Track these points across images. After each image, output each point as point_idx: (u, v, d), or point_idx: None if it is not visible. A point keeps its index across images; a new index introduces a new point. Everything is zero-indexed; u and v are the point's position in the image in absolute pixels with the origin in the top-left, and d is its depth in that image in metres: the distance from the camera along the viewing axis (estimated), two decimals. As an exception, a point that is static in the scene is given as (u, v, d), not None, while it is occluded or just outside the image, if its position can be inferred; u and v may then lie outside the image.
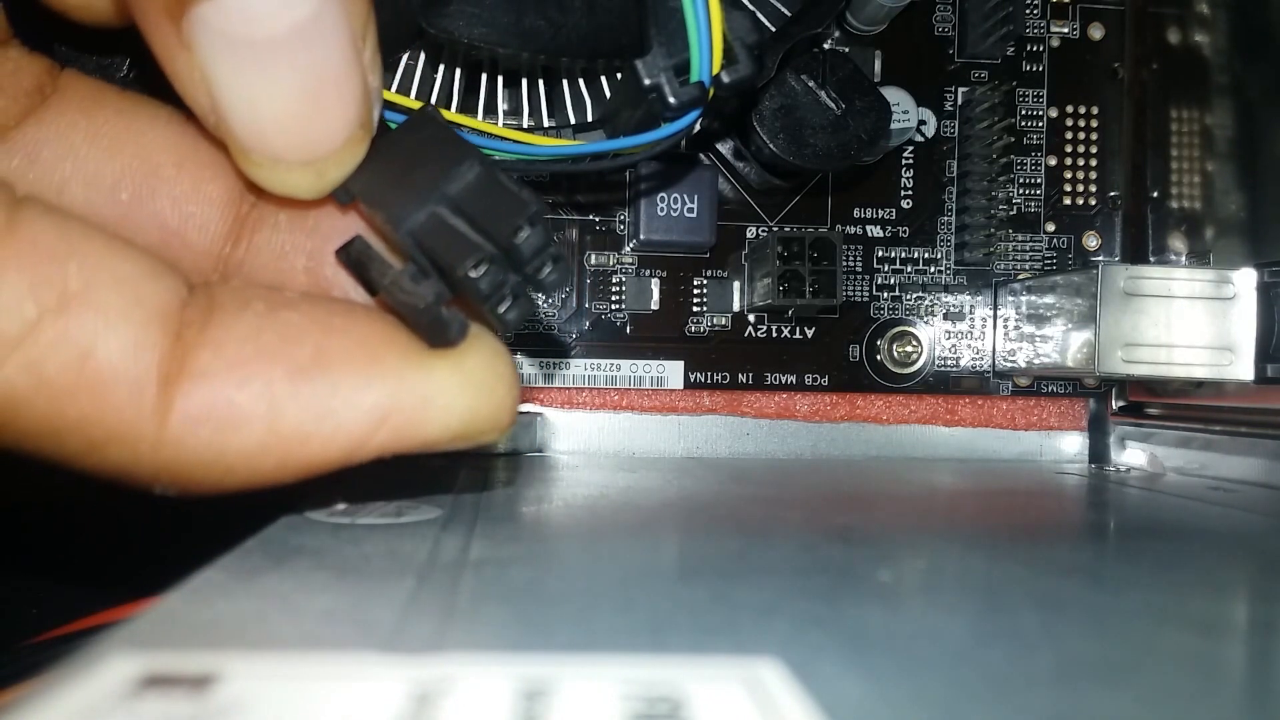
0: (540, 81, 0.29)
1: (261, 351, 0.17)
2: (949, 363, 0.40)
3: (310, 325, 0.18)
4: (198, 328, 0.17)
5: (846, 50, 0.38)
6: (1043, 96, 0.40)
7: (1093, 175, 0.41)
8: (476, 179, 0.19)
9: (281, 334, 0.18)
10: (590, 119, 0.29)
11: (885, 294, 0.40)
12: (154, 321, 0.17)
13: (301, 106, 0.17)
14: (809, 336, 0.40)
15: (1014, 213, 0.40)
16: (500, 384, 0.19)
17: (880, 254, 0.40)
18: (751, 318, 0.39)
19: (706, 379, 0.39)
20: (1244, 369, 0.33)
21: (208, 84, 0.17)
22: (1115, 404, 0.40)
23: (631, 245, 0.39)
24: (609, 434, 0.39)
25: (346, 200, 0.20)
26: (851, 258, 0.40)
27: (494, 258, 0.18)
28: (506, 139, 0.26)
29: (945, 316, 0.40)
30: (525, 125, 0.29)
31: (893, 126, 0.36)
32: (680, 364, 0.39)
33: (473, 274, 0.18)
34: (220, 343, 0.17)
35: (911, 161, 0.40)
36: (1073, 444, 0.41)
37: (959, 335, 0.40)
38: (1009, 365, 0.40)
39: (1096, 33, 0.40)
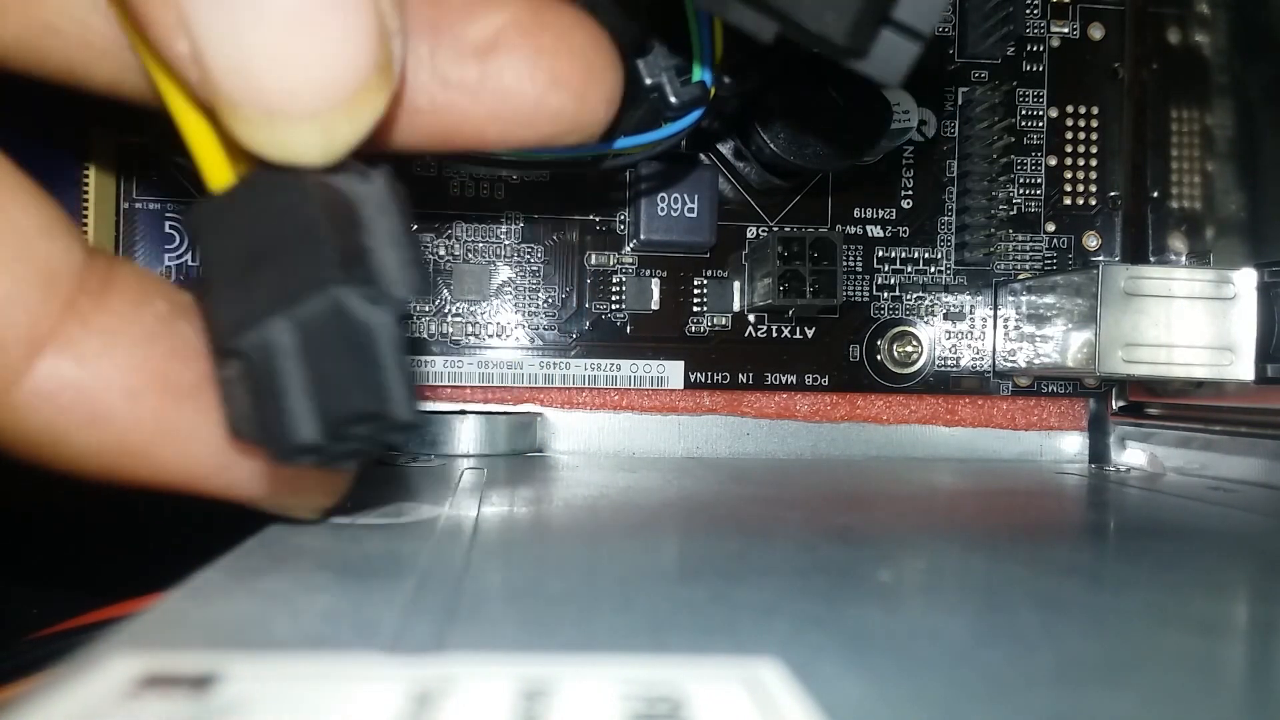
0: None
1: (145, 362, 0.16)
2: (949, 363, 0.40)
3: (202, 348, 0.16)
4: (93, 300, 0.16)
5: (847, 50, 0.38)
6: (1043, 96, 0.40)
7: (1093, 175, 0.41)
8: (329, 312, 0.15)
9: (172, 349, 0.16)
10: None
11: (885, 294, 0.40)
12: (37, 280, 0.15)
13: (300, 40, 0.14)
14: (809, 336, 0.40)
15: (1014, 213, 0.40)
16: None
17: (880, 254, 0.40)
18: (752, 318, 0.39)
19: (706, 379, 0.39)
20: (1244, 369, 0.33)
21: (185, 23, 0.14)
22: (1115, 404, 0.40)
23: (632, 245, 0.39)
24: (609, 434, 0.39)
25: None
26: (852, 258, 0.40)
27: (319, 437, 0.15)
28: (507, 139, 0.26)
29: (945, 316, 0.40)
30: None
31: (893, 126, 0.36)
32: (680, 364, 0.39)
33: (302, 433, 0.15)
34: (108, 331, 0.16)
35: (912, 161, 0.40)
36: (1073, 444, 0.41)
37: (959, 335, 0.40)
38: (1009, 365, 0.40)
39: (1096, 33, 0.40)
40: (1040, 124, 0.40)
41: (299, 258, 0.15)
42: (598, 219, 0.39)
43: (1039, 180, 0.40)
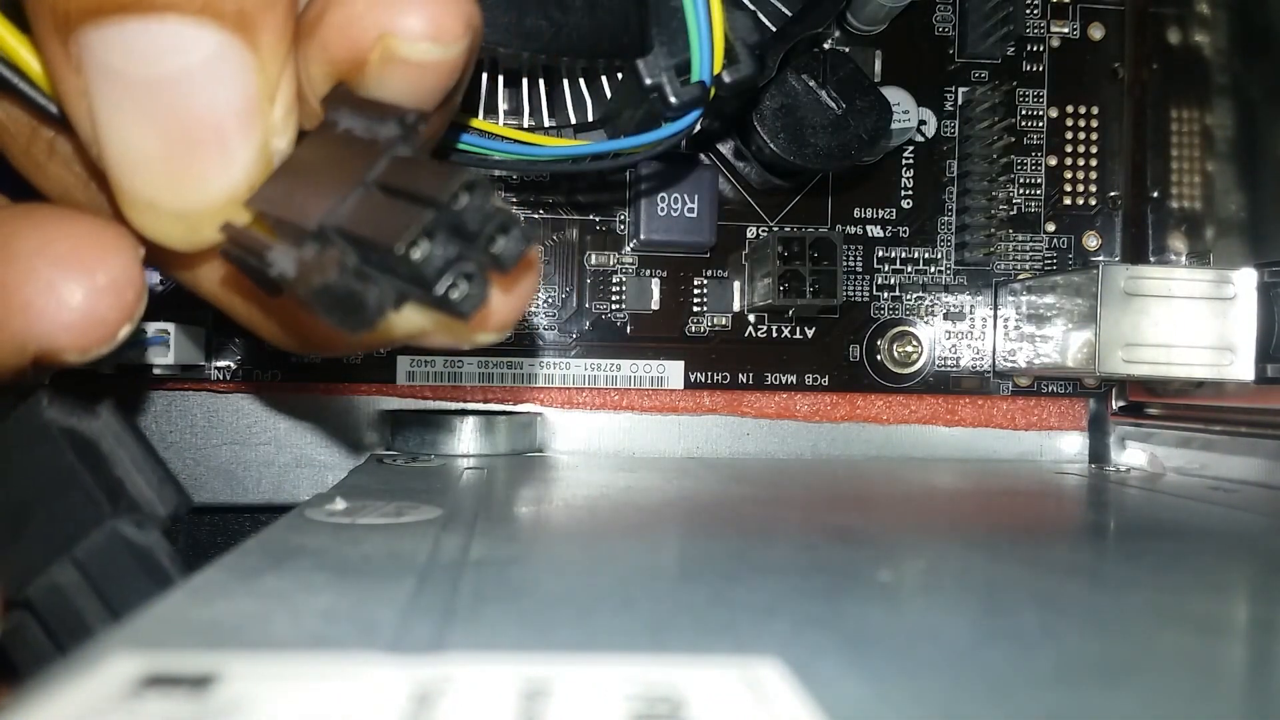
0: (541, 81, 0.29)
1: None
2: (949, 363, 0.40)
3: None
4: None
5: (847, 50, 0.38)
6: (1043, 96, 0.40)
7: (1093, 175, 0.41)
8: (396, 162, 0.16)
9: None
10: (591, 119, 0.29)
11: (885, 294, 0.40)
12: None
13: (176, 154, 0.16)
14: (809, 336, 0.40)
15: (1014, 213, 0.40)
16: None
17: (880, 254, 0.40)
18: (752, 318, 0.39)
19: (706, 379, 0.39)
20: (1244, 369, 0.33)
21: (90, 111, 0.16)
22: (1115, 404, 0.40)
23: (631, 245, 0.39)
24: (609, 434, 0.39)
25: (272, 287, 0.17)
26: (852, 258, 0.40)
27: (435, 226, 0.16)
28: (507, 139, 0.26)
29: (945, 316, 0.40)
30: (526, 125, 0.29)
31: (893, 126, 0.36)
32: (680, 364, 0.39)
33: (414, 253, 0.15)
34: None
35: (911, 161, 0.40)
36: (1073, 444, 0.41)
37: (959, 335, 0.40)
38: (1009, 365, 0.40)
39: (1096, 33, 0.40)
40: (1040, 124, 0.40)
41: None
42: (598, 219, 0.39)
43: (1039, 180, 0.40)
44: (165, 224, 0.17)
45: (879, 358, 0.40)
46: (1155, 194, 0.39)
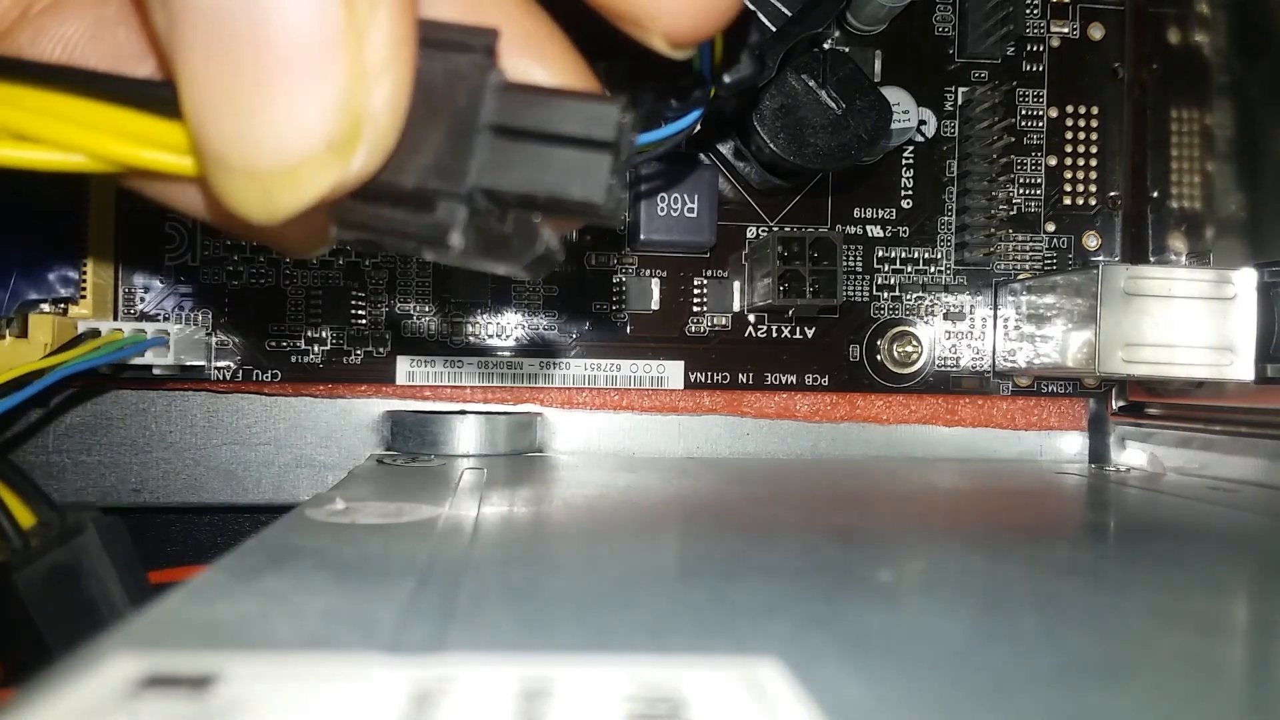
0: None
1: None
2: (949, 363, 0.40)
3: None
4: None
5: (847, 50, 0.38)
6: (1043, 96, 0.40)
7: (1093, 175, 0.41)
8: (500, 94, 0.15)
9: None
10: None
11: (885, 294, 0.40)
12: None
13: (242, 90, 0.13)
14: (809, 336, 0.40)
15: (1014, 213, 0.40)
16: None
17: (880, 254, 0.40)
18: (751, 318, 0.39)
19: (706, 379, 0.39)
20: (1244, 369, 0.33)
21: (170, 46, 0.14)
22: (1115, 404, 0.40)
23: (632, 245, 0.38)
24: (609, 434, 0.39)
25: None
26: (851, 258, 0.40)
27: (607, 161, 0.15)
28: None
29: (945, 316, 0.40)
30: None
31: (893, 126, 0.36)
32: (680, 364, 0.39)
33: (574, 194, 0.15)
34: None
35: (911, 161, 0.40)
36: (1073, 444, 0.41)
37: (959, 335, 0.40)
38: (1009, 365, 0.40)
39: (1096, 33, 0.40)
40: (1040, 124, 0.40)
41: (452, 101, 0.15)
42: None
43: (1039, 180, 0.40)
44: (236, 184, 0.14)
45: (879, 358, 0.40)
46: (1155, 194, 0.39)
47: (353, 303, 0.38)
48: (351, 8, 0.13)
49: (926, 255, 0.40)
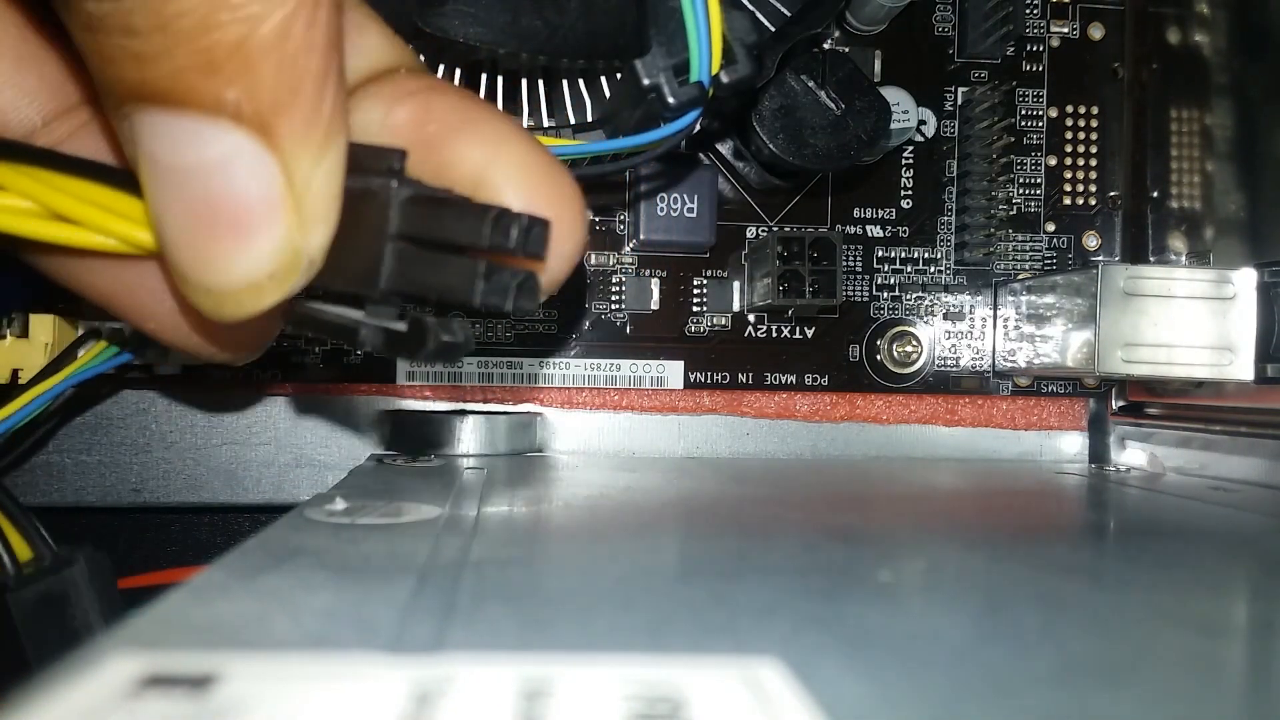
0: (540, 82, 0.29)
1: None
2: (949, 363, 0.40)
3: None
4: None
5: (846, 50, 0.38)
6: (1043, 96, 0.40)
7: (1093, 175, 0.41)
8: (406, 207, 0.17)
9: None
10: (590, 119, 0.29)
11: (885, 294, 0.40)
12: None
13: (201, 236, 0.16)
14: (809, 336, 0.40)
15: (1014, 213, 0.40)
16: None
17: (880, 254, 0.40)
18: (751, 318, 0.39)
19: (706, 379, 0.39)
20: (1244, 369, 0.33)
21: (141, 180, 0.17)
22: (1115, 404, 0.40)
23: (631, 245, 0.39)
24: (609, 434, 0.39)
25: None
26: (851, 258, 0.40)
27: (488, 270, 0.17)
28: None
29: (945, 316, 0.40)
30: (525, 126, 0.29)
31: (893, 126, 0.36)
32: (680, 364, 0.39)
33: (475, 298, 0.17)
34: None
35: (911, 161, 0.40)
36: (1073, 444, 0.41)
37: (959, 335, 0.40)
38: (1009, 365, 0.40)
39: (1096, 33, 0.40)
40: (1040, 124, 0.40)
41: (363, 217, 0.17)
42: (598, 219, 0.39)
43: (1039, 180, 0.40)
44: (197, 296, 0.17)
45: (879, 358, 0.40)
46: (1155, 194, 0.39)
47: (353, 303, 0.38)
48: (290, 176, 0.16)
49: (926, 255, 0.40)
